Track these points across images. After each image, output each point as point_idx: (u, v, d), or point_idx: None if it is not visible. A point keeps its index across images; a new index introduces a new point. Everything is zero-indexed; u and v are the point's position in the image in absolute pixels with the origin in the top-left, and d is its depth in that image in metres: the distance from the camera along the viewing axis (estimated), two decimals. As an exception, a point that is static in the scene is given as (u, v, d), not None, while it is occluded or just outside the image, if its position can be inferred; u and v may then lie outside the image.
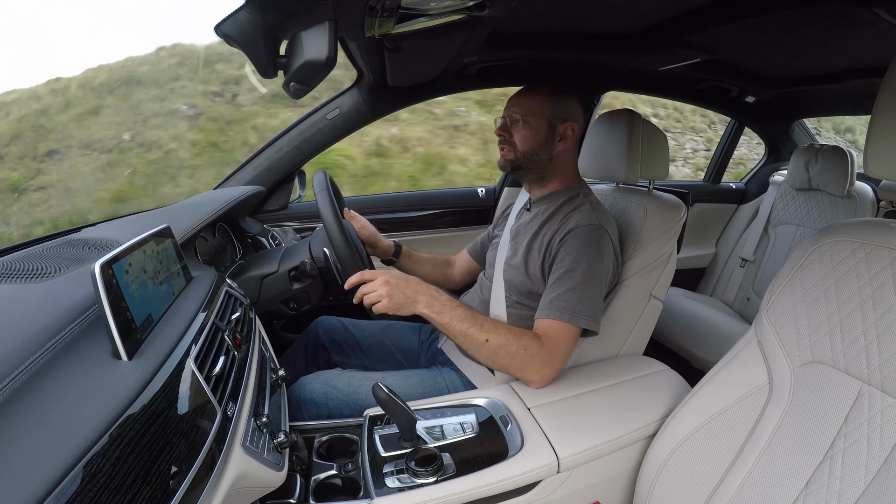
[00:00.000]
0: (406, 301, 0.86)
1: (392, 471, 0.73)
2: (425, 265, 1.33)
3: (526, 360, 0.86)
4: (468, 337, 0.86)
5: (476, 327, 0.86)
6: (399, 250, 1.29)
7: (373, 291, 0.85)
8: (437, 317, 0.86)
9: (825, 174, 1.79)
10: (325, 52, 0.63)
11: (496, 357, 0.87)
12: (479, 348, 0.86)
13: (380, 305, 0.85)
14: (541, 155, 1.03)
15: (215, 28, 0.62)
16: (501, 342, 0.86)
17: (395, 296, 0.85)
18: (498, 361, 0.87)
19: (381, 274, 0.87)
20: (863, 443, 0.58)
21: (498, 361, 0.87)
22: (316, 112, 1.43)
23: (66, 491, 0.33)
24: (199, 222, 0.95)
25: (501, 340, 0.86)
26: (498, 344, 0.86)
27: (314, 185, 1.02)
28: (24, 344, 0.43)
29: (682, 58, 1.31)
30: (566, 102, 1.03)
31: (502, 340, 0.86)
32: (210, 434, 0.49)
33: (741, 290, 2.02)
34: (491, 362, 0.89)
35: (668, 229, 1.04)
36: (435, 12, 0.76)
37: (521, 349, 0.86)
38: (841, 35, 1.11)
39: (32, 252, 0.71)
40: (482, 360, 0.89)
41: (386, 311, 0.85)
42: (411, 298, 0.86)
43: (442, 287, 1.35)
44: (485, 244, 1.31)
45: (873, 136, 0.61)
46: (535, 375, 0.88)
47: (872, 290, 0.61)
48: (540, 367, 0.87)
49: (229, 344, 0.66)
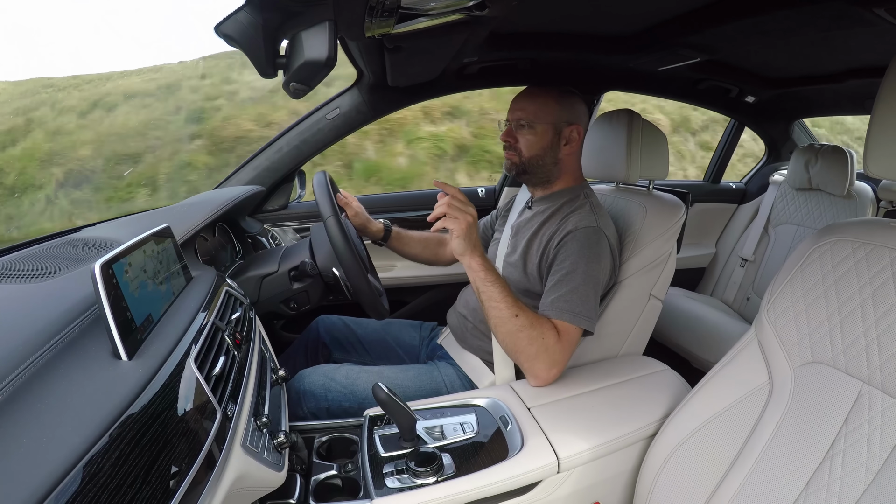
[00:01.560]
0: (470, 244, 0.86)
1: (392, 471, 0.73)
2: (416, 245, 1.31)
3: (541, 350, 0.86)
4: (501, 305, 0.86)
5: (511, 299, 0.86)
6: (389, 232, 1.27)
7: (456, 218, 0.84)
8: (485, 273, 0.87)
9: (825, 174, 1.79)
10: (325, 52, 0.63)
11: (516, 337, 0.86)
12: (505, 321, 0.86)
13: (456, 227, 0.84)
14: (546, 160, 1.03)
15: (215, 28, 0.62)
16: (526, 323, 0.85)
17: (469, 234, 0.85)
18: (517, 342, 0.87)
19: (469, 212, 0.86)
20: (863, 443, 0.58)
21: (517, 342, 0.87)
22: (316, 112, 1.43)
23: (66, 491, 0.33)
24: (199, 222, 0.95)
25: (527, 321, 0.86)
26: (523, 323, 0.85)
27: (314, 184, 1.02)
28: (24, 344, 0.43)
29: (682, 58, 1.31)
30: (572, 104, 1.03)
31: (528, 322, 0.86)
32: (210, 434, 0.49)
33: (741, 290, 2.02)
34: (509, 341, 0.88)
35: (667, 229, 1.04)
36: (435, 12, 0.76)
37: (539, 337, 0.86)
38: (841, 35, 1.11)
39: (32, 252, 0.71)
40: (502, 335, 0.88)
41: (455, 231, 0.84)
42: (473, 244, 0.86)
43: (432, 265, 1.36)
44: (486, 232, 1.31)
45: (873, 136, 0.61)
46: (543, 371, 0.88)
47: (873, 290, 0.61)
48: (550, 362, 0.87)
49: (229, 344, 0.66)
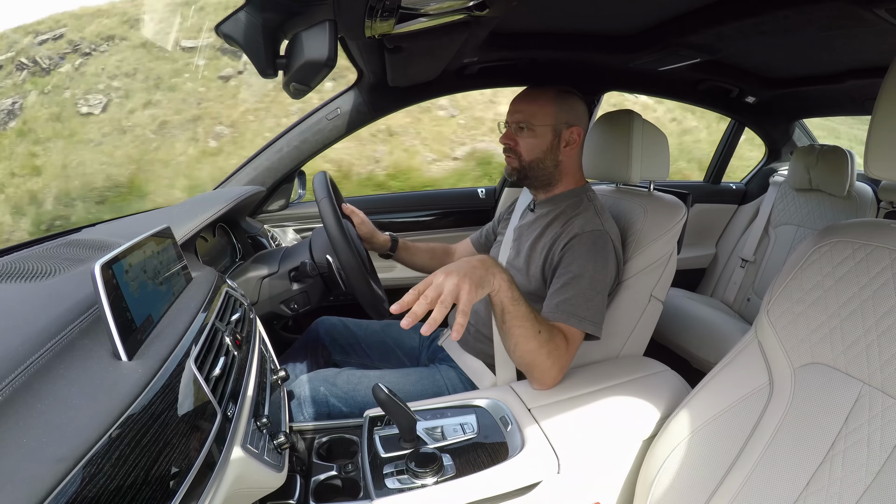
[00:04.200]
0: (483, 273, 0.72)
1: (392, 472, 0.72)
2: (423, 256, 1.30)
3: (556, 359, 0.84)
4: (527, 322, 0.78)
5: (534, 314, 0.81)
6: (395, 244, 1.26)
7: (441, 293, 0.67)
8: (510, 290, 0.76)
9: (825, 175, 1.79)
10: (325, 52, 0.63)
11: (538, 351, 0.81)
12: (530, 338, 0.80)
13: (465, 297, 0.68)
14: (546, 163, 1.02)
15: (215, 28, 0.62)
16: (548, 337, 0.82)
17: (475, 276, 0.70)
18: (537, 356, 0.82)
19: (434, 276, 0.71)
20: (863, 444, 0.58)
21: (537, 356, 0.82)
22: (316, 112, 1.43)
23: (65, 491, 0.33)
24: (200, 222, 0.95)
25: (548, 335, 0.82)
26: (546, 338, 0.82)
27: (314, 186, 1.02)
28: (24, 344, 0.43)
29: (683, 58, 1.31)
30: (571, 105, 1.02)
31: (549, 335, 0.82)
32: (210, 435, 0.49)
33: (741, 291, 2.02)
34: (530, 355, 0.82)
35: (668, 230, 1.04)
36: (435, 12, 0.76)
37: (556, 348, 0.84)
38: (841, 35, 1.11)
39: (32, 252, 0.71)
40: (524, 351, 0.81)
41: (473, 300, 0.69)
42: (485, 266, 0.74)
43: None
44: (489, 237, 1.30)
45: (873, 137, 0.61)
46: (551, 379, 0.86)
47: (873, 291, 0.61)
48: (559, 369, 0.86)
49: (229, 344, 0.66)
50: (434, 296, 0.67)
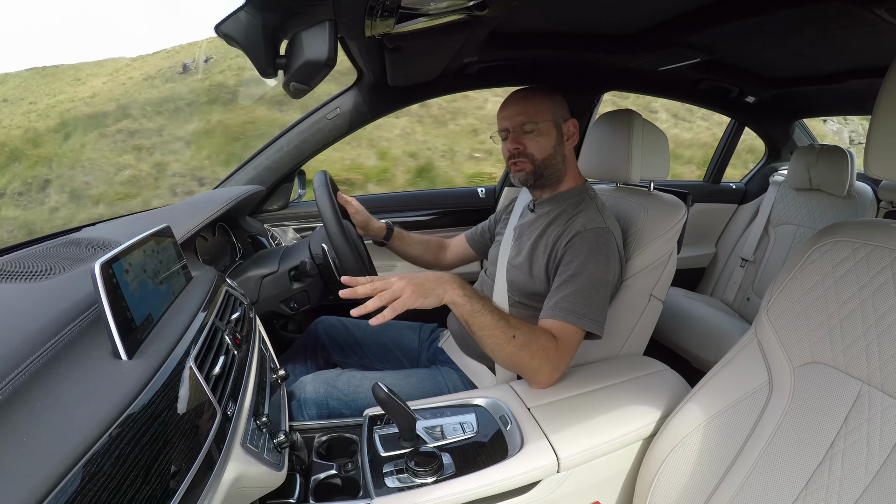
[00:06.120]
0: (434, 286, 0.77)
1: (392, 471, 0.73)
2: (416, 247, 1.31)
3: (543, 360, 0.84)
4: (496, 330, 0.80)
5: (504, 321, 0.81)
6: (391, 232, 1.26)
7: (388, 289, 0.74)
8: (469, 303, 0.79)
9: (825, 174, 1.79)
10: (325, 52, 0.63)
11: (518, 355, 0.82)
12: (503, 344, 0.81)
13: (402, 299, 0.74)
14: (557, 158, 1.02)
15: (215, 28, 0.62)
16: (526, 340, 0.82)
17: (422, 285, 0.76)
18: (519, 360, 0.83)
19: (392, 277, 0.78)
20: (863, 443, 0.58)
21: (519, 360, 0.83)
22: (316, 112, 1.43)
23: (65, 491, 0.33)
24: (200, 222, 0.95)
25: (526, 338, 0.82)
26: (523, 341, 0.81)
27: (314, 184, 1.02)
28: (24, 343, 0.43)
29: (683, 58, 1.31)
30: (559, 100, 1.03)
31: (527, 338, 0.82)
32: (210, 434, 0.49)
33: (741, 290, 2.02)
34: (511, 360, 0.83)
35: (668, 229, 1.04)
36: (435, 12, 0.76)
37: (540, 349, 0.83)
38: (841, 35, 1.11)
39: (32, 252, 0.71)
40: (503, 357, 0.83)
41: (409, 304, 0.74)
42: (440, 280, 0.78)
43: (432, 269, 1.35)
44: (484, 235, 1.30)
45: (873, 137, 0.61)
46: (545, 377, 0.86)
47: (873, 291, 0.61)
48: (552, 368, 0.86)
49: (229, 344, 0.66)
50: (380, 288, 0.75)
